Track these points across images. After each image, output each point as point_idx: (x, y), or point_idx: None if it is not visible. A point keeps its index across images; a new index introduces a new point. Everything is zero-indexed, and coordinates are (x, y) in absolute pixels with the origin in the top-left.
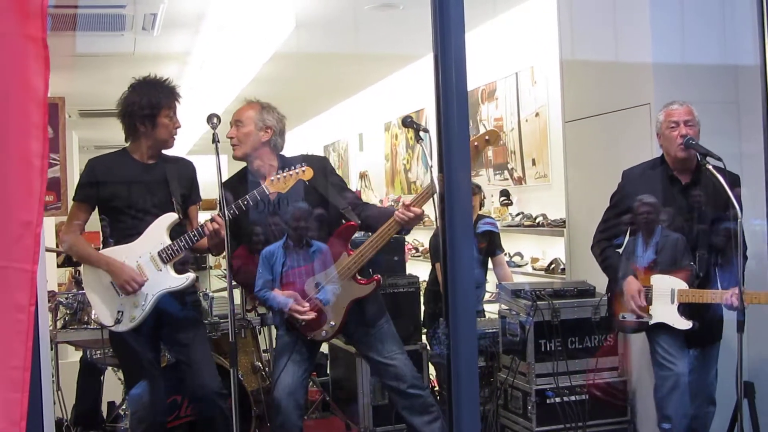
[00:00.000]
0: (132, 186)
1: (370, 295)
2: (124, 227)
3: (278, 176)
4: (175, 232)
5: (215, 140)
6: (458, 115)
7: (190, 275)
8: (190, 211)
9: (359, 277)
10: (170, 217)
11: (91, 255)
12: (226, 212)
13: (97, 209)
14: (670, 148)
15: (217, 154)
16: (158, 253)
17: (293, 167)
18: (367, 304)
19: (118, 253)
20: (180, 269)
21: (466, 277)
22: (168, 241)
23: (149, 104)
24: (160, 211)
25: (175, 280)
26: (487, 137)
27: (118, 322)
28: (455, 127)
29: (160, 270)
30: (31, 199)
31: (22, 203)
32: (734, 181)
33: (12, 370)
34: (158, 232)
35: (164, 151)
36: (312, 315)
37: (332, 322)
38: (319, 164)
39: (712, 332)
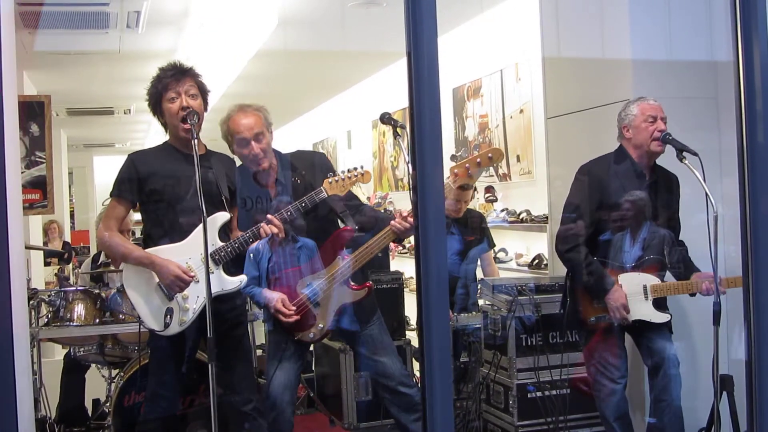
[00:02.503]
0: (177, 177)
1: (360, 300)
2: (169, 224)
3: (336, 178)
4: (222, 234)
5: (193, 136)
6: (430, 111)
7: (243, 277)
8: (231, 211)
9: (352, 283)
10: (222, 217)
11: (132, 252)
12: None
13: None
14: (645, 141)
15: (195, 151)
16: (210, 254)
17: (354, 169)
18: (360, 302)
19: (164, 254)
20: (231, 271)
21: (438, 272)
22: (219, 242)
23: (150, 93)
24: (208, 206)
25: (228, 283)
26: (490, 155)
27: (167, 326)
28: (427, 124)
29: (212, 272)
30: None
31: None
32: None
33: None
34: (209, 232)
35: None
36: (294, 318)
37: (320, 324)
38: (318, 161)
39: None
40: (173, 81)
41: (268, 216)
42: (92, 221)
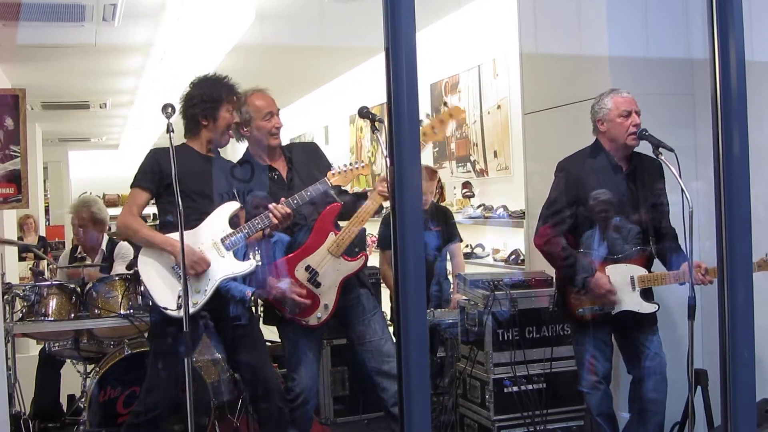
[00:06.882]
0: (194, 173)
1: (359, 270)
2: (186, 213)
3: (339, 170)
4: (232, 222)
5: (170, 130)
6: (408, 107)
7: (253, 262)
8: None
9: (346, 256)
10: (232, 206)
11: (154, 237)
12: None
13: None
14: (621, 136)
15: (171, 144)
16: (221, 239)
17: (355, 164)
18: (363, 296)
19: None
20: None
21: (416, 267)
22: (229, 229)
23: (210, 98)
24: (221, 199)
25: (238, 266)
26: (450, 112)
27: (180, 307)
28: (405, 119)
29: (223, 257)
30: None
31: None
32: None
33: None
34: (219, 220)
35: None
36: (307, 301)
37: (326, 303)
38: (311, 148)
39: (650, 318)
40: (227, 96)
41: (276, 206)
42: (67, 216)
